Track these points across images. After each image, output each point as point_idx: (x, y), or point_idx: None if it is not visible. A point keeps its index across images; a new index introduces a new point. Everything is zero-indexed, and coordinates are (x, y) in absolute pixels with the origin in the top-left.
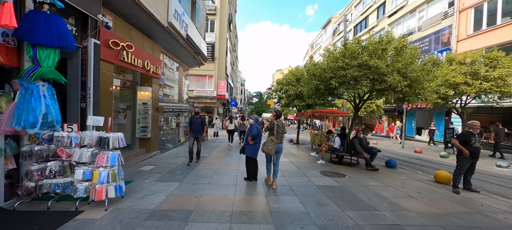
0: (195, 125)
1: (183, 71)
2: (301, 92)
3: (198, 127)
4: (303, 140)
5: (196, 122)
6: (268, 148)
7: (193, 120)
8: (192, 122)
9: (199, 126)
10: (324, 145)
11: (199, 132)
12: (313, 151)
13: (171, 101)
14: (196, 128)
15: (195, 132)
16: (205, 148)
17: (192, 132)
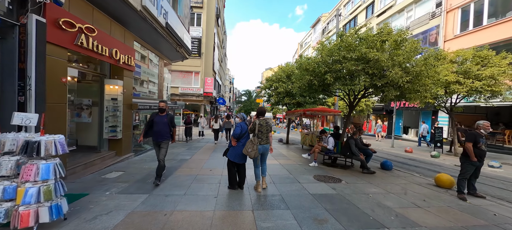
0: (159, 126)
1: (164, 65)
2: (292, 89)
3: (164, 128)
4: (293, 139)
5: (161, 122)
6: (247, 150)
7: (155, 119)
8: (154, 122)
9: (165, 127)
10: (317, 146)
11: (164, 136)
12: (304, 152)
13: (149, 97)
14: (160, 131)
15: (159, 136)
16: (188, 149)
17: (155, 136)
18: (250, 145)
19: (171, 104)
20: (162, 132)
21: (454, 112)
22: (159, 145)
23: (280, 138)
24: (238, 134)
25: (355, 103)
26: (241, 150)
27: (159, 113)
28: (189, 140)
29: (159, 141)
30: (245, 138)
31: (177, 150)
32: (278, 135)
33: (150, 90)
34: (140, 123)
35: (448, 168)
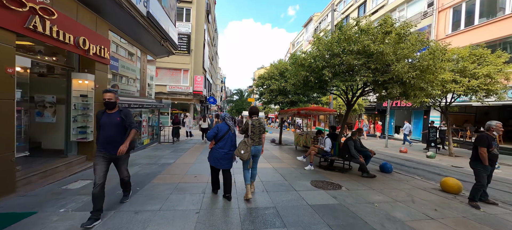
0: (108, 129)
1: (146, 60)
2: (285, 87)
3: (115, 133)
4: (286, 139)
5: (111, 124)
6: (239, 152)
7: (101, 119)
8: (100, 124)
9: (117, 131)
10: (313, 148)
11: (113, 145)
12: (298, 154)
13: (129, 94)
14: (110, 138)
15: (109, 145)
16: (173, 151)
17: (102, 145)
18: (243, 146)
19: (156, 103)
20: (112, 138)
21: (449, 112)
22: (114, 160)
23: (272, 138)
24: (211, 136)
25: (354, 101)
26: (218, 154)
27: (107, 110)
28: (176, 141)
29: (111, 153)
30: (224, 141)
31: (161, 153)
32: (270, 135)
33: (131, 86)
34: None
35: (446, 170)
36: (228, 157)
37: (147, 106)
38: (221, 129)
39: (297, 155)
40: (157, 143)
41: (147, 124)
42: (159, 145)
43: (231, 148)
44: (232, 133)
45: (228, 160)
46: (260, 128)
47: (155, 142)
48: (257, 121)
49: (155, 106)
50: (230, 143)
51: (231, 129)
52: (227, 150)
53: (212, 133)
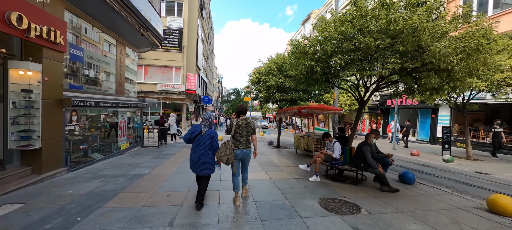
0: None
1: (124, 52)
2: (283, 83)
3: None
4: (285, 141)
5: None
6: (220, 155)
7: None
8: None
9: None
10: (319, 155)
11: None
12: (300, 160)
13: (99, 91)
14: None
15: None
16: (155, 157)
17: None
18: (223, 148)
19: (137, 102)
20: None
21: (467, 111)
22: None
23: (270, 140)
24: (186, 138)
25: (367, 97)
26: (191, 158)
27: None
28: (163, 144)
29: None
30: (196, 143)
31: (139, 159)
32: (267, 137)
33: (103, 81)
34: (87, 124)
35: (474, 178)
36: (202, 162)
37: (124, 105)
38: (194, 130)
39: (298, 161)
40: (140, 147)
41: (125, 126)
42: (141, 149)
43: (205, 152)
44: (205, 135)
45: (203, 165)
46: (248, 129)
47: (137, 145)
48: (243, 120)
49: (136, 106)
50: (202, 146)
51: (202, 130)
52: (199, 155)
53: (187, 135)
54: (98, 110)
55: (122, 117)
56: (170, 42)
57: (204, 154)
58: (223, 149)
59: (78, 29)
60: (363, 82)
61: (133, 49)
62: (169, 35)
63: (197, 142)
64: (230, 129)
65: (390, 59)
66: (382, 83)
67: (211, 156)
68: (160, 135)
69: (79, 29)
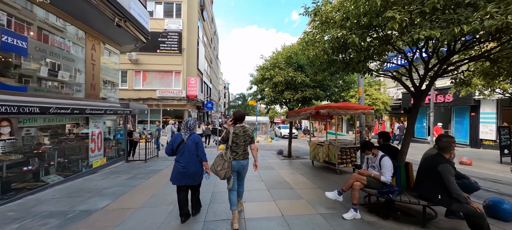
0: None
1: (98, 48)
2: (294, 78)
3: None
4: (297, 149)
5: None
6: (216, 169)
7: None
8: None
9: None
10: (358, 177)
11: None
12: (320, 176)
13: (57, 94)
14: None
15: None
16: (132, 177)
17: None
18: (220, 160)
19: (117, 108)
20: None
21: None
22: None
23: (279, 149)
24: (168, 150)
25: (428, 85)
26: (176, 169)
27: None
28: (150, 158)
29: None
30: (179, 153)
31: (110, 181)
32: (276, 144)
33: (70, 83)
34: (30, 141)
35: None
36: (188, 173)
37: (97, 112)
38: (175, 140)
39: (317, 177)
40: (124, 162)
41: (101, 137)
42: (123, 166)
43: (191, 160)
44: (188, 142)
45: (190, 176)
46: (245, 137)
47: (120, 160)
48: (241, 128)
49: (116, 112)
50: (188, 154)
51: (184, 138)
52: (184, 164)
53: (168, 147)
54: (56, 118)
55: (95, 126)
56: (169, 45)
57: (190, 162)
58: (220, 161)
59: (22, 12)
60: (436, 54)
61: (113, 46)
62: (167, 38)
63: (181, 151)
64: (226, 137)
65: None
66: (461, 58)
67: (198, 163)
68: (131, 148)
69: (23, 12)
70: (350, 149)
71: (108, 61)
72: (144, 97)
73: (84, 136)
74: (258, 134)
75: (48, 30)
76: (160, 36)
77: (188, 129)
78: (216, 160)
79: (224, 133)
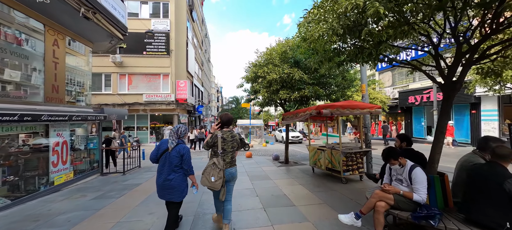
0: None
1: (62, 44)
2: (291, 74)
3: None
4: (294, 154)
5: None
6: (209, 179)
7: None
8: None
9: None
10: (382, 196)
11: None
12: (328, 192)
13: (3, 97)
14: None
15: None
16: (101, 197)
17: None
18: (213, 169)
19: (86, 113)
20: None
21: None
22: None
23: (275, 154)
24: (153, 157)
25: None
26: (157, 181)
27: None
28: (131, 169)
29: None
30: (161, 162)
31: (71, 203)
32: (272, 148)
33: (11, 83)
34: None
35: None
36: (168, 186)
37: (58, 118)
38: (160, 146)
39: (321, 189)
40: (98, 175)
41: (66, 148)
42: (95, 180)
43: (172, 173)
44: (173, 152)
45: (171, 190)
46: (233, 143)
47: (94, 173)
48: (228, 133)
49: (85, 119)
50: (168, 166)
51: (169, 147)
52: (165, 176)
53: (153, 153)
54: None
55: (58, 135)
56: (156, 46)
57: (170, 176)
58: (214, 171)
59: None
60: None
61: (84, 42)
62: (154, 39)
63: (162, 161)
64: (212, 143)
65: None
66: None
67: (180, 177)
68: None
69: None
70: (356, 154)
71: (78, 60)
72: (130, 102)
73: (44, 148)
74: (252, 137)
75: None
76: (146, 37)
77: (178, 137)
78: (208, 170)
79: (210, 138)
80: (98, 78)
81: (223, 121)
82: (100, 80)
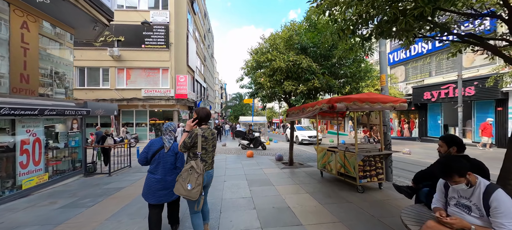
0: None
1: (33, 27)
2: (297, 62)
3: None
4: (299, 153)
5: None
6: (183, 188)
7: None
8: None
9: None
10: (443, 222)
11: None
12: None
13: None
14: None
15: None
16: (65, 207)
17: None
18: (191, 176)
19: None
20: None
21: None
22: None
23: (278, 154)
24: (143, 159)
25: None
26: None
27: None
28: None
29: None
30: (154, 162)
31: (35, 212)
32: (275, 146)
33: None
34: None
35: None
36: (167, 186)
37: (25, 112)
38: (151, 146)
39: (331, 197)
40: (82, 176)
41: (39, 147)
42: (74, 183)
43: (168, 173)
44: (169, 152)
45: (169, 190)
46: (214, 142)
47: (76, 174)
48: (209, 131)
49: (63, 113)
50: (163, 167)
51: (166, 146)
52: (161, 176)
53: (142, 155)
54: None
55: (28, 132)
56: (154, 39)
57: (167, 176)
58: (190, 176)
59: None
60: None
61: (63, 28)
62: (153, 31)
63: (155, 162)
64: (191, 143)
65: None
66: None
67: (176, 176)
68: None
69: None
70: (375, 157)
71: (56, 48)
72: (128, 98)
73: (8, 148)
74: None
75: None
76: (144, 29)
77: (169, 133)
78: (183, 175)
79: (188, 138)
80: (96, 73)
81: (201, 116)
82: (98, 75)
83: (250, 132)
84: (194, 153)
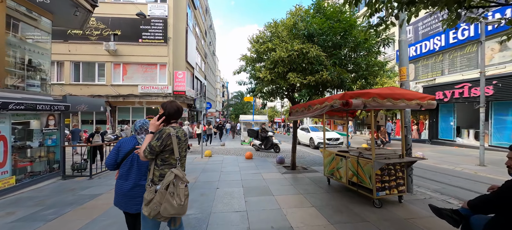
0: None
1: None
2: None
3: None
4: (302, 155)
5: None
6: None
7: None
8: None
9: None
10: None
11: None
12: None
13: None
14: None
15: None
16: (25, 218)
17: None
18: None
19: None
20: None
21: None
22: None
23: (280, 157)
24: (112, 161)
25: None
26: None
27: None
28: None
29: None
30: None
31: None
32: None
33: None
34: None
35: None
36: (139, 194)
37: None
38: (123, 146)
39: (342, 213)
40: (59, 179)
41: (6, 145)
42: (47, 187)
43: (143, 177)
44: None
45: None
46: (186, 143)
47: (53, 176)
48: (181, 131)
49: (34, 108)
50: (137, 170)
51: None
52: (133, 182)
53: (111, 158)
54: None
55: None
56: (152, 33)
57: (142, 180)
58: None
59: None
60: None
61: (41, 13)
62: (150, 25)
63: (128, 165)
64: (162, 147)
65: None
66: None
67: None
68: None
69: None
70: (396, 165)
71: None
72: (125, 94)
73: None
74: None
75: None
76: (141, 23)
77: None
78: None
79: (156, 140)
80: (91, 68)
81: (169, 112)
82: (93, 70)
83: (263, 130)
84: (164, 160)
